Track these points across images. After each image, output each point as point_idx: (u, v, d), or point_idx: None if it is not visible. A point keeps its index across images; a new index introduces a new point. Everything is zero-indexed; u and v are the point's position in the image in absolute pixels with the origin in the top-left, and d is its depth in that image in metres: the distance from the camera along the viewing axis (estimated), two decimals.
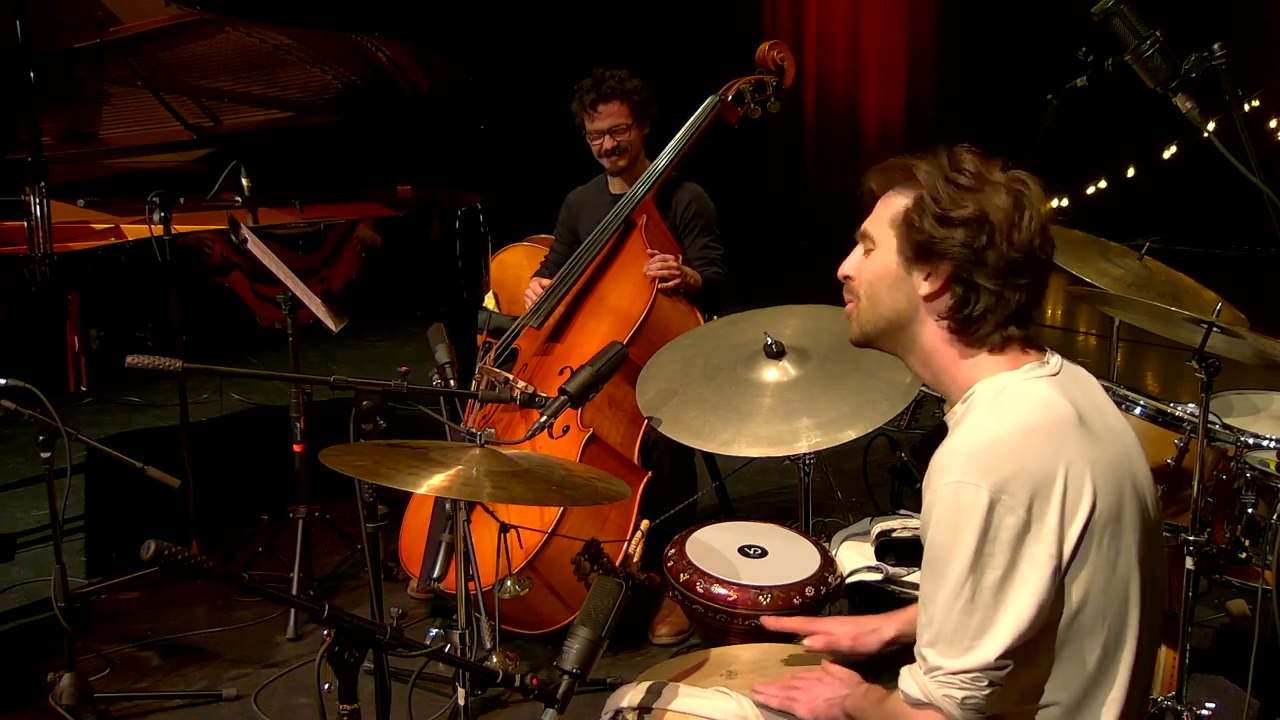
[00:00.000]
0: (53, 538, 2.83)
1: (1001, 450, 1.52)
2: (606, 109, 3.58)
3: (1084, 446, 1.56)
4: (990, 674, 1.52)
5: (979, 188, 1.60)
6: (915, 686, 1.58)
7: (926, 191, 1.61)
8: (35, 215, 3.28)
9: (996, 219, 1.58)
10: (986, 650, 1.51)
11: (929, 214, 1.60)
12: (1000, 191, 1.59)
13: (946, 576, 1.53)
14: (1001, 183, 1.61)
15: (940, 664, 1.54)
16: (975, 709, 1.54)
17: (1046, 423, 1.56)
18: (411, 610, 3.44)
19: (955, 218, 1.59)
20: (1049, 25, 7.57)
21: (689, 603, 2.39)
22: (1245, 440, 2.58)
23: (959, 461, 1.54)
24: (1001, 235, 1.58)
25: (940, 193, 1.60)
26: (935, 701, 1.55)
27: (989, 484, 1.50)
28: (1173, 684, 2.55)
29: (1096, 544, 1.55)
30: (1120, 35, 2.26)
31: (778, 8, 10.57)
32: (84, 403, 5.56)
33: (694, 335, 3.06)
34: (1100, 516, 1.55)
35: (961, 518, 1.51)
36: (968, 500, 1.51)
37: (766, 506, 4.22)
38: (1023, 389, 1.60)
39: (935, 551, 1.55)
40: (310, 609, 1.47)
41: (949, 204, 1.59)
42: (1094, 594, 1.56)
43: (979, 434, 1.56)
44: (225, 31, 4.10)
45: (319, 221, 4.17)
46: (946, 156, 1.63)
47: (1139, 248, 2.99)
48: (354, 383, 2.20)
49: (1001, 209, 1.58)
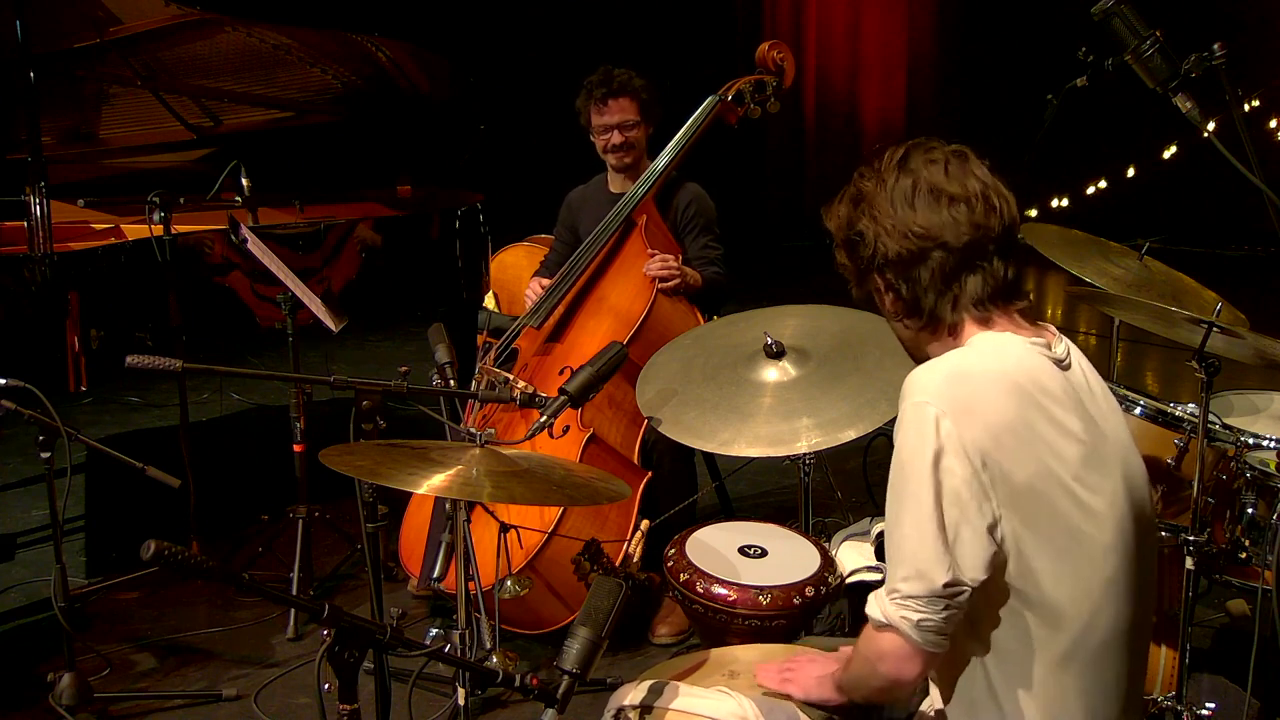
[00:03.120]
0: (53, 538, 2.84)
1: (971, 385, 1.56)
2: (616, 104, 3.58)
3: (1058, 421, 1.57)
4: (944, 598, 1.54)
5: (867, 191, 1.66)
6: (877, 608, 1.61)
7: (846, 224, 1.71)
8: (35, 215, 3.28)
9: (882, 225, 1.63)
10: (938, 574, 1.53)
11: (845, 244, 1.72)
12: (887, 179, 1.64)
13: (906, 497, 1.56)
14: (891, 181, 1.65)
15: (898, 586, 1.57)
16: (933, 630, 1.56)
17: (1024, 381, 1.58)
18: (411, 610, 3.43)
19: (845, 239, 1.70)
20: (1049, 25, 7.56)
21: (689, 603, 2.39)
22: (1245, 440, 2.58)
23: (931, 385, 1.57)
24: (883, 240, 1.64)
25: (837, 218, 1.72)
26: (893, 622, 1.57)
27: (952, 412, 1.53)
28: (1173, 684, 2.55)
29: (1048, 510, 1.56)
30: (1120, 35, 2.27)
31: (778, 8, 10.57)
32: (84, 403, 5.56)
33: (694, 335, 3.06)
34: (1060, 489, 1.56)
35: (922, 440, 1.54)
36: (929, 423, 1.53)
37: (766, 506, 4.22)
38: (1018, 349, 1.62)
39: (898, 470, 1.59)
40: (310, 609, 1.47)
41: (837, 229, 1.72)
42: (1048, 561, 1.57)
43: (956, 366, 1.59)
44: (225, 31, 4.10)
45: (319, 221, 4.17)
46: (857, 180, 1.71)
47: (1139, 248, 2.99)
48: (354, 383, 2.20)
49: (884, 214, 1.64)
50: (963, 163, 1.64)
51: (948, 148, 1.66)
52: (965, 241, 1.61)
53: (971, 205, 1.61)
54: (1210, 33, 2.36)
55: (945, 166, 1.63)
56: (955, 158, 1.64)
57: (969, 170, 1.64)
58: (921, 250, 1.61)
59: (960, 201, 1.61)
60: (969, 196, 1.61)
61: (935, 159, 1.64)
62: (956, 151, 1.66)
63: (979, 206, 1.61)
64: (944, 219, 1.60)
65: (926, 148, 1.66)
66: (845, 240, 1.70)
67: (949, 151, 1.65)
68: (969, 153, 1.67)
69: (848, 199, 1.70)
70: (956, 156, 1.65)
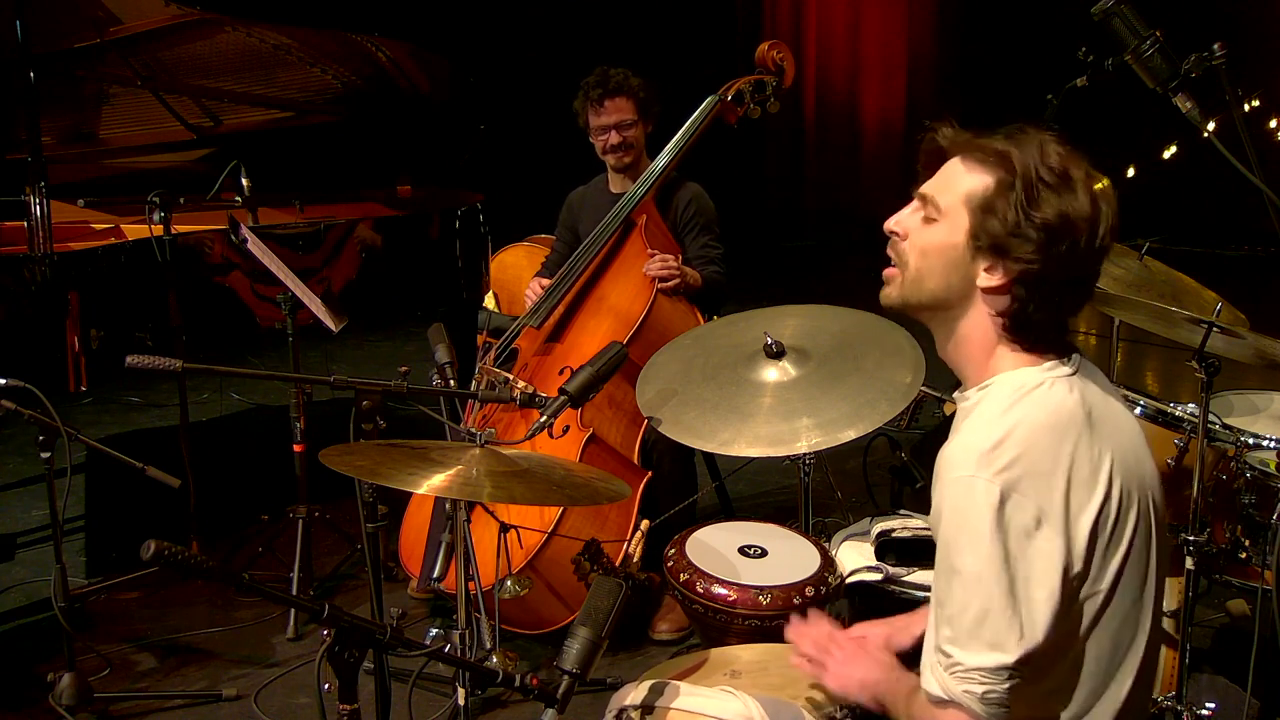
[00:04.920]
0: (53, 538, 2.84)
1: (1012, 447, 1.51)
2: (613, 104, 3.58)
3: (1093, 446, 1.55)
4: (1010, 669, 1.50)
5: (1064, 188, 1.52)
6: (936, 684, 1.56)
7: (1020, 182, 1.52)
8: (35, 215, 3.29)
9: (1077, 227, 1.52)
10: (1007, 646, 1.49)
11: (1015, 208, 1.52)
12: (1081, 195, 1.53)
13: (961, 572, 1.51)
14: (1081, 182, 1.53)
15: (961, 659, 1.52)
16: (997, 703, 1.52)
17: (1058, 421, 1.55)
18: (411, 610, 3.44)
19: (1038, 220, 1.51)
20: (1049, 25, 7.56)
21: (689, 603, 2.39)
22: (1245, 440, 2.58)
23: (970, 456, 1.52)
24: (1079, 245, 1.53)
25: (1033, 189, 1.52)
26: (956, 698, 1.53)
27: (1001, 480, 1.49)
28: (1173, 684, 2.55)
29: (1106, 543, 1.54)
30: (1120, 35, 2.26)
31: (778, 8, 10.56)
32: (84, 403, 5.56)
33: (694, 335, 3.06)
34: (1109, 516, 1.54)
35: (974, 513, 1.50)
36: (980, 495, 1.49)
37: (766, 506, 4.22)
38: (1039, 387, 1.58)
39: (949, 547, 1.54)
40: (310, 609, 1.47)
41: (1037, 204, 1.52)
42: (1108, 593, 1.55)
43: (990, 429, 1.54)
44: (225, 31, 4.10)
45: (319, 221, 4.17)
46: (1039, 146, 1.54)
47: (1139, 248, 2.99)
48: (354, 383, 2.20)
49: (1083, 217, 1.52)
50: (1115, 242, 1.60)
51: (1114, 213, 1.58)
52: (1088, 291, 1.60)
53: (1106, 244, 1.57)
54: (1210, 33, 2.36)
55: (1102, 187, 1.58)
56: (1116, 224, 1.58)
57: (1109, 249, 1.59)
58: (1072, 296, 1.58)
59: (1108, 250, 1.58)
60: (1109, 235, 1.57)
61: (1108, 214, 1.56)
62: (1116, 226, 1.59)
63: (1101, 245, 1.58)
64: (1098, 268, 1.58)
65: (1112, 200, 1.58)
66: (1031, 219, 1.52)
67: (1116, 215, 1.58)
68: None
69: (1046, 169, 1.52)
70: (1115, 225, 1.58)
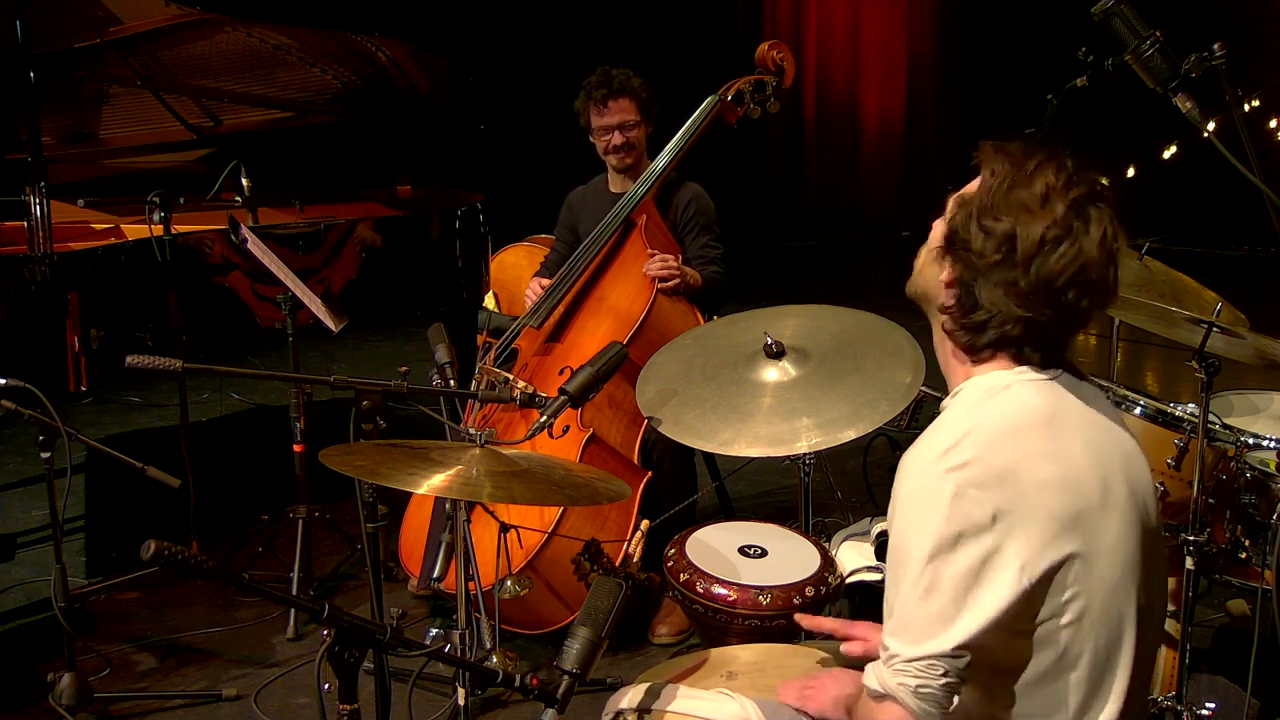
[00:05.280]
0: (53, 538, 2.84)
1: (970, 447, 1.52)
2: (616, 104, 3.58)
3: (1054, 448, 1.54)
4: (946, 663, 1.50)
5: (1029, 209, 1.54)
6: (874, 678, 1.57)
7: (981, 186, 1.58)
8: (35, 215, 3.28)
9: (1023, 247, 1.53)
10: (943, 640, 1.49)
11: (970, 209, 1.57)
12: (1047, 222, 1.53)
13: (908, 565, 1.52)
14: (1057, 215, 1.53)
15: (896, 651, 1.52)
16: (930, 699, 1.51)
17: (1019, 422, 1.55)
18: (411, 610, 3.44)
19: (985, 226, 1.55)
20: (1049, 25, 7.56)
21: (689, 603, 2.39)
22: (1245, 440, 2.58)
23: (928, 456, 1.53)
24: (1020, 263, 1.53)
25: (990, 196, 1.55)
26: (891, 690, 1.53)
27: (955, 477, 1.49)
28: (1173, 684, 2.55)
29: (1068, 548, 1.52)
30: (1120, 35, 2.26)
31: (778, 8, 10.57)
32: (84, 403, 5.56)
33: (694, 335, 3.06)
34: (1068, 520, 1.52)
35: (926, 507, 1.51)
36: (931, 491, 1.50)
37: (766, 506, 4.22)
38: (1003, 390, 1.59)
39: (898, 540, 1.55)
40: (310, 609, 1.47)
41: (989, 211, 1.55)
42: (1074, 600, 1.53)
43: (950, 431, 1.55)
44: (225, 31, 4.10)
45: (319, 221, 4.17)
46: (1034, 163, 1.56)
47: (1139, 248, 2.99)
48: (354, 383, 2.20)
49: (1033, 239, 1.52)
50: (1117, 236, 1.57)
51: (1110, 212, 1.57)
52: (1048, 320, 1.55)
53: (1092, 295, 1.55)
54: (1210, 33, 2.36)
55: (1104, 237, 1.55)
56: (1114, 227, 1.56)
57: (1117, 248, 1.57)
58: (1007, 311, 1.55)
59: (1085, 293, 1.54)
60: (1097, 285, 1.55)
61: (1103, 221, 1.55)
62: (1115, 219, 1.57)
63: (1094, 296, 1.55)
64: (1058, 301, 1.54)
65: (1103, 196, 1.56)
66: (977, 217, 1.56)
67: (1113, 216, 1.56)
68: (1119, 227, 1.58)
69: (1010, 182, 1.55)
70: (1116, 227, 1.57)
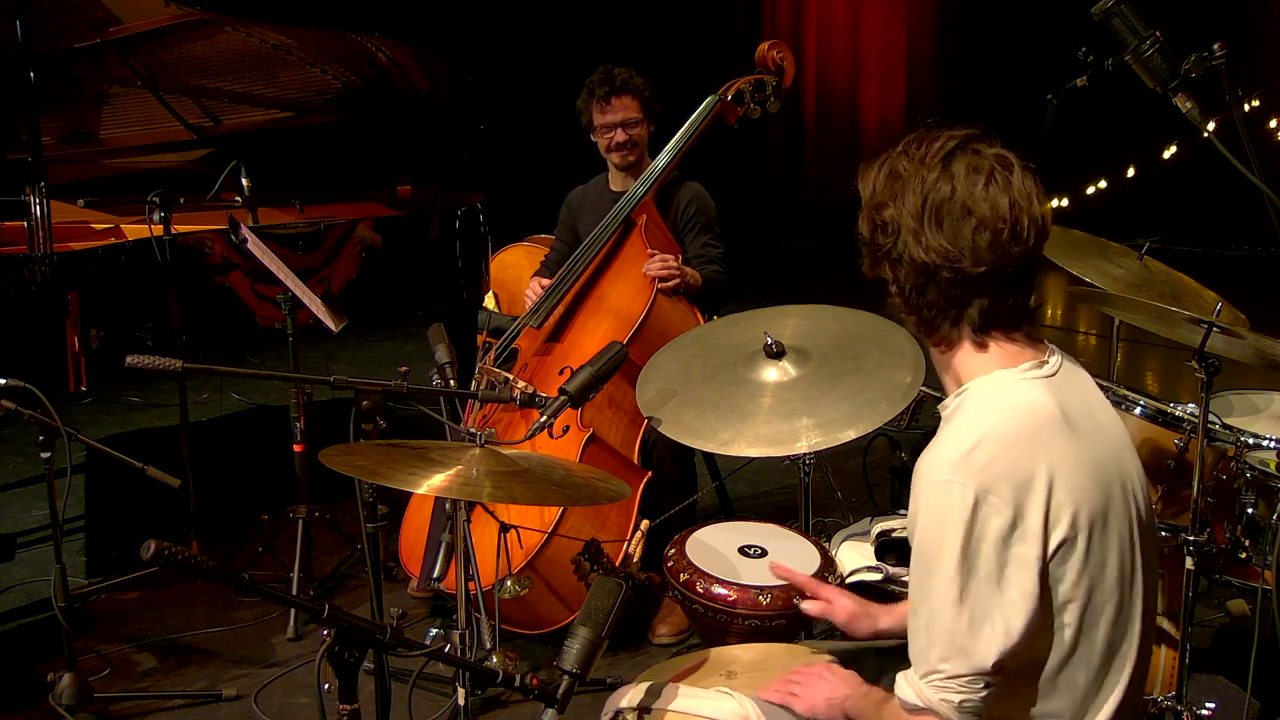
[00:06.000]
0: (53, 538, 2.84)
1: (987, 452, 1.51)
2: (619, 102, 3.58)
3: (1069, 448, 1.55)
4: (986, 676, 1.51)
5: (904, 179, 1.57)
6: (911, 692, 1.57)
7: (864, 192, 1.63)
8: (35, 215, 3.28)
9: (911, 213, 1.56)
10: (983, 653, 1.50)
11: (862, 212, 1.63)
12: (918, 183, 1.56)
13: (936, 577, 1.52)
14: (926, 176, 1.56)
15: (937, 668, 1.53)
16: (972, 712, 1.53)
17: (1032, 425, 1.55)
18: (411, 610, 3.44)
19: (874, 218, 1.61)
20: (1049, 25, 7.57)
21: (689, 603, 2.39)
22: (1245, 440, 2.58)
23: (945, 462, 1.53)
24: (917, 228, 1.56)
25: (872, 193, 1.61)
26: (933, 706, 1.54)
27: (974, 484, 1.49)
28: (1173, 684, 2.55)
29: (1083, 546, 1.53)
30: (1120, 35, 2.26)
31: (778, 8, 10.57)
32: (84, 403, 5.56)
33: (694, 335, 3.06)
34: (1084, 519, 1.53)
35: (948, 517, 1.50)
36: (954, 500, 1.50)
37: (766, 506, 4.22)
38: (1012, 390, 1.59)
39: (923, 552, 1.55)
40: (310, 609, 1.47)
41: (872, 204, 1.61)
42: (1085, 596, 1.55)
43: (965, 435, 1.55)
44: (225, 31, 4.10)
45: (319, 221, 4.17)
46: (895, 152, 1.61)
47: (1139, 248, 2.99)
48: (354, 383, 2.20)
49: (915, 204, 1.56)
50: (1006, 176, 1.56)
51: (994, 152, 1.57)
52: (980, 271, 1.55)
53: (998, 232, 1.53)
54: (1210, 33, 2.36)
55: (986, 179, 1.55)
56: (1000, 168, 1.56)
57: (1008, 186, 1.55)
58: (934, 266, 1.56)
59: (987, 228, 1.53)
60: (997, 221, 1.53)
61: (979, 167, 1.55)
62: (1001, 160, 1.57)
63: (1005, 234, 1.54)
64: (964, 243, 1.54)
65: (974, 149, 1.57)
66: (870, 217, 1.62)
67: (994, 158, 1.56)
68: (1014, 162, 1.57)
69: (886, 170, 1.61)
70: (1001, 167, 1.56)
